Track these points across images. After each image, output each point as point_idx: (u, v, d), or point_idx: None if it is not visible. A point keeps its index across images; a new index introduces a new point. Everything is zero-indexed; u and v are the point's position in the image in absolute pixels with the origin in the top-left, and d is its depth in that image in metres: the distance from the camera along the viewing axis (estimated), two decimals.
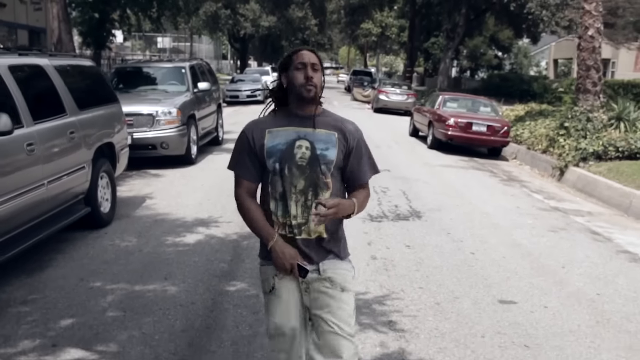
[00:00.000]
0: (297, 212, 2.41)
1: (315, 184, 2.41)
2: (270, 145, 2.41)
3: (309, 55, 2.43)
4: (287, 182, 2.40)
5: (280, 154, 2.40)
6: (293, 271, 2.42)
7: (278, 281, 2.48)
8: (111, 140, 6.68)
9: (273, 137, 2.42)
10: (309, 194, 2.41)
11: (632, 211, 8.57)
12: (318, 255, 2.47)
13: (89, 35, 20.95)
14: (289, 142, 2.41)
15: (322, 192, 2.42)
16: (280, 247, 2.42)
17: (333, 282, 2.46)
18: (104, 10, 19.84)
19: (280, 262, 2.42)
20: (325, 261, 2.47)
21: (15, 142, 4.66)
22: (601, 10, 11.99)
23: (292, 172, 2.40)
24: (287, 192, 2.41)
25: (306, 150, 2.41)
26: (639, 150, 10.68)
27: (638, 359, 3.93)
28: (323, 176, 2.42)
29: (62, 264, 5.19)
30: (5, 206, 4.49)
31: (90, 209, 6.02)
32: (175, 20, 25.28)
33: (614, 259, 6.21)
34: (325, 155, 2.42)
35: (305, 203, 2.41)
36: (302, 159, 2.40)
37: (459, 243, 6.34)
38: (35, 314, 4.15)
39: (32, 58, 5.68)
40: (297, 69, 2.41)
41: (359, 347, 3.20)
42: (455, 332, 4.13)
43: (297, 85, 2.40)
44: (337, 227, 2.53)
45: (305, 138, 2.42)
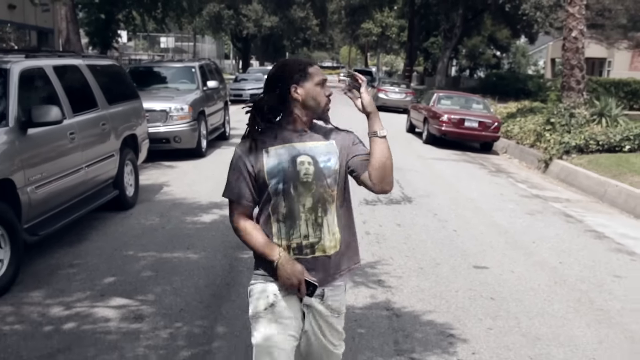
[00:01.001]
0: (308, 231, 2.31)
1: (323, 198, 2.32)
2: (271, 165, 2.30)
3: (321, 71, 2.39)
4: (294, 202, 2.30)
5: (283, 173, 2.29)
6: (301, 287, 2.29)
7: (280, 299, 2.35)
8: (135, 132, 7.49)
9: (272, 157, 2.31)
10: (319, 211, 2.32)
11: (606, 198, 9.37)
12: (324, 278, 2.36)
13: (95, 35, 21.64)
14: (290, 159, 2.31)
15: (330, 206, 2.34)
16: (287, 262, 2.29)
17: (333, 310, 2.41)
18: (110, 11, 20.49)
19: (288, 278, 2.28)
20: (329, 287, 2.38)
21: (61, 131, 5.48)
22: (584, 13, 12.79)
23: (298, 190, 2.30)
24: (295, 211, 2.30)
25: (309, 165, 2.31)
26: (617, 144, 11.48)
27: (583, 308, 4.73)
28: (330, 189, 2.33)
29: (97, 238, 6.00)
30: (54, 185, 5.30)
31: (118, 192, 6.84)
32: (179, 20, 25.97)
33: (581, 237, 7.01)
34: (329, 167, 2.33)
35: (316, 221, 2.32)
36: (306, 175, 2.30)
37: (443, 222, 7.16)
38: (82, 274, 4.96)
39: (69, 59, 6.51)
40: (319, 84, 2.34)
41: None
42: (433, 289, 4.94)
43: (321, 103, 2.34)
44: (350, 236, 2.45)
45: (306, 153, 2.32)
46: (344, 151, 2.37)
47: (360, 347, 3.82)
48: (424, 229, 6.82)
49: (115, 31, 23.01)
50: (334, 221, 2.35)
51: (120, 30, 24.80)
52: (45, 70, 5.61)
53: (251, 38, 48.37)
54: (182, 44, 56.19)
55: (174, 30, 42.93)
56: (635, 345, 4.12)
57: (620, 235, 7.21)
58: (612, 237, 7.07)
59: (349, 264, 2.45)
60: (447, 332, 4.12)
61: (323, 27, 50.52)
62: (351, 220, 2.47)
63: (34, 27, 27.58)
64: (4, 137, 4.70)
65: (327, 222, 2.34)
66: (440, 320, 4.31)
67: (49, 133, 5.27)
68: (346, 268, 2.44)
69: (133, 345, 3.75)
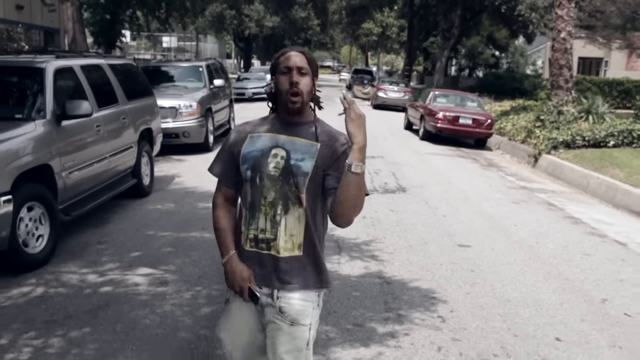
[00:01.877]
0: (265, 225, 2.23)
1: (286, 197, 2.20)
2: (246, 151, 2.26)
3: (295, 57, 2.22)
4: (257, 193, 2.22)
5: (253, 161, 2.23)
6: (243, 294, 2.26)
7: (233, 296, 2.34)
8: (150, 126, 8.14)
9: (252, 143, 2.27)
10: (279, 208, 2.21)
11: (589, 189, 10.01)
12: (280, 280, 2.24)
13: (100, 35, 22.14)
14: (264, 149, 2.24)
15: (294, 207, 2.21)
16: (232, 266, 2.26)
17: (283, 314, 2.24)
18: (115, 11, 20.95)
19: (230, 282, 2.28)
20: (283, 289, 2.24)
21: (89, 124, 6.13)
22: (572, 15, 13.43)
23: (264, 182, 2.22)
24: (257, 203, 2.23)
25: (281, 159, 2.21)
26: (602, 139, 12.11)
27: (551, 278, 5.38)
28: (296, 190, 2.20)
29: (119, 221, 6.65)
30: (83, 172, 5.96)
31: (136, 181, 7.49)
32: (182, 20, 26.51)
33: (560, 222, 7.66)
34: (299, 167, 2.19)
35: (274, 217, 2.21)
36: (275, 169, 2.21)
37: (434, 209, 7.80)
38: (110, 250, 5.61)
39: (92, 59, 7.17)
40: (282, 73, 2.22)
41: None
42: (420, 263, 5.59)
43: (282, 91, 2.21)
44: (314, 248, 2.28)
45: (282, 146, 2.23)
46: (324, 159, 2.21)
47: (355, 305, 4.47)
48: (415, 214, 7.47)
49: (119, 31, 23.52)
50: (296, 224, 2.22)
51: (124, 30, 25.36)
52: (74, 69, 6.27)
53: (253, 38, 49.02)
54: (184, 44, 56.88)
55: (177, 30, 43.68)
56: (591, 307, 4.77)
57: (596, 221, 7.85)
58: (588, 222, 7.71)
59: (308, 282, 2.27)
60: (430, 296, 4.77)
61: (324, 27, 51.16)
62: (321, 237, 2.32)
63: (41, 27, 28.22)
64: (42, 128, 5.35)
65: (285, 222, 2.21)
66: (425, 286, 4.96)
67: (79, 125, 5.92)
68: (302, 284, 2.25)
69: (161, 303, 4.41)
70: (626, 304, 4.87)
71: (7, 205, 4.62)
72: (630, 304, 4.85)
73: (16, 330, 3.89)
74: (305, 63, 2.22)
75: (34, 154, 5.11)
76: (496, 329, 4.23)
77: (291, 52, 2.24)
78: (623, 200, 8.96)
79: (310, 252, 2.26)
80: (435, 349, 3.85)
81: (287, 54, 2.23)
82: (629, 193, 8.94)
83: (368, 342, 3.89)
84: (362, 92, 31.88)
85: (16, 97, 5.80)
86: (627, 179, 9.45)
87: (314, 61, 2.26)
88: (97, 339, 3.81)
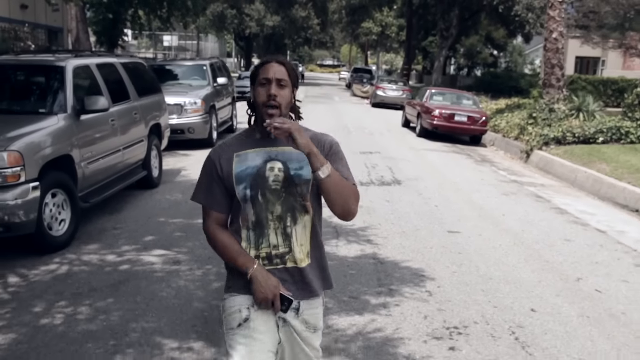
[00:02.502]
0: (277, 241, 2.22)
1: (292, 207, 2.22)
2: (238, 170, 2.20)
3: (274, 69, 2.19)
4: (262, 209, 2.20)
5: (250, 179, 2.19)
6: (275, 302, 2.20)
7: (254, 312, 2.24)
8: (159, 121, 8.60)
9: (241, 161, 2.21)
10: (287, 220, 2.21)
11: (577, 183, 10.48)
12: (298, 290, 2.26)
13: (103, 34, 22.48)
14: (259, 164, 2.20)
15: (301, 217, 2.23)
16: (262, 275, 2.20)
17: (308, 324, 2.28)
18: (118, 10, 21.28)
19: (262, 292, 2.18)
20: (303, 300, 2.27)
21: (105, 118, 6.59)
22: (564, 16, 13.89)
23: (266, 197, 2.20)
24: (263, 220, 2.21)
25: (279, 172, 2.19)
26: (591, 136, 12.58)
27: (532, 260, 5.85)
28: (301, 198, 2.21)
29: (132, 209, 7.11)
30: (100, 162, 6.42)
31: (146, 172, 7.95)
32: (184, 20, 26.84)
33: (546, 212, 8.12)
34: (300, 175, 2.19)
35: (285, 230, 2.22)
36: (275, 182, 2.19)
37: (427, 200, 8.27)
38: (125, 234, 6.08)
39: (106, 58, 7.63)
40: (261, 84, 2.19)
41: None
42: (412, 246, 6.05)
43: (259, 103, 2.18)
44: (320, 252, 2.33)
45: (277, 158, 2.20)
46: None
47: (351, 281, 4.94)
48: (408, 204, 7.93)
49: (121, 30, 23.88)
50: (305, 233, 2.25)
51: (126, 29, 25.69)
52: (90, 68, 6.74)
53: (253, 37, 49.48)
54: (185, 43, 57.32)
55: (178, 29, 44.11)
56: (566, 284, 5.23)
57: (580, 211, 8.31)
58: (572, 212, 8.18)
59: (324, 285, 2.35)
60: (419, 274, 5.23)
61: (324, 26, 51.63)
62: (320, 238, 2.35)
63: (45, 26, 28.63)
64: (63, 121, 5.81)
65: (296, 233, 2.23)
66: (415, 266, 5.43)
67: (96, 119, 6.38)
68: (317, 291, 2.31)
69: (175, 279, 4.87)
70: (598, 282, 5.33)
71: (35, 191, 5.09)
72: (602, 283, 5.32)
73: (48, 300, 4.35)
74: (285, 75, 2.19)
75: (57, 145, 5.58)
76: (478, 301, 4.69)
77: (271, 62, 2.21)
78: (608, 193, 9.42)
79: (317, 257, 2.29)
80: (422, 317, 4.32)
81: (267, 65, 2.20)
82: (613, 186, 9.41)
83: (362, 311, 4.36)
84: (361, 91, 32.34)
85: (39, 94, 6.28)
86: (612, 173, 9.92)
87: (294, 71, 2.24)
88: (121, 307, 4.28)
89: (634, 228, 7.57)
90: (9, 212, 4.90)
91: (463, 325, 4.23)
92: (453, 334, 4.08)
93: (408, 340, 3.95)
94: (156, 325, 4.01)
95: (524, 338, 4.09)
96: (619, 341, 4.14)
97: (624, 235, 7.15)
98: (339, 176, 2.16)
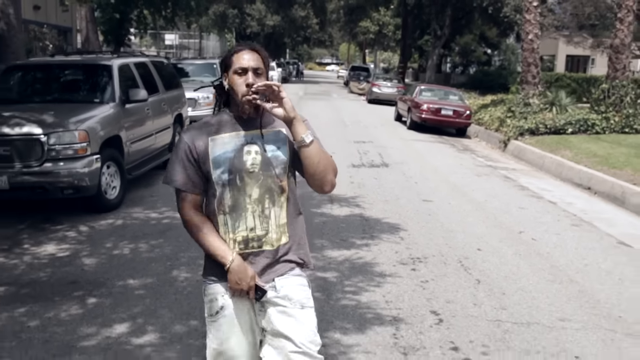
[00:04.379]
0: (255, 223, 2.25)
1: (270, 189, 2.25)
2: (216, 154, 2.22)
3: (249, 57, 2.22)
4: (241, 193, 2.23)
5: (229, 162, 2.22)
6: (250, 293, 2.24)
7: (227, 299, 2.29)
8: (181, 112, 10.08)
9: (218, 145, 2.23)
10: (266, 202, 2.25)
11: (544, 167, 11.96)
12: (276, 270, 2.29)
13: (110, 34, 23.52)
14: (236, 148, 2.23)
15: (278, 197, 2.27)
16: (240, 267, 2.22)
17: (291, 300, 2.27)
18: (124, 10, 22.30)
19: (237, 284, 2.23)
20: (281, 277, 2.29)
21: (143, 107, 8.05)
22: (538, 19, 15.37)
23: (245, 181, 2.22)
24: (241, 203, 2.23)
25: (256, 155, 2.24)
26: (562, 127, 14.06)
27: (488, 220, 7.33)
28: (278, 179, 2.26)
29: (161, 184, 8.56)
30: (139, 143, 7.89)
31: None
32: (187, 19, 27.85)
33: (510, 189, 9.60)
34: (277, 157, 2.25)
35: (263, 212, 2.25)
36: (253, 165, 2.23)
37: (409, 178, 9.76)
38: (161, 201, 7.54)
39: (139, 58, 9.11)
40: (237, 73, 2.21)
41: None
42: (392, 209, 7.53)
43: (237, 92, 2.21)
44: (300, 230, 2.37)
45: (253, 142, 2.24)
46: (292, 142, 2.27)
47: (341, 230, 6.42)
48: (393, 181, 9.42)
49: (128, 30, 25.04)
50: (282, 213, 2.28)
51: (132, 29, 26.86)
52: (129, 65, 8.20)
53: (254, 36, 50.88)
54: (188, 41, 58.71)
55: (182, 28, 45.51)
56: (510, 235, 6.71)
57: (540, 189, 9.79)
58: (533, 189, 9.66)
59: (303, 262, 2.37)
60: (395, 227, 6.72)
61: (323, 25, 53.16)
62: (298, 212, 2.38)
63: (55, 25, 30.00)
64: (113, 109, 7.28)
65: (274, 214, 2.27)
66: (393, 222, 6.92)
67: (137, 108, 7.85)
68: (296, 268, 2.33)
69: None
70: (537, 235, 6.80)
71: (97, 163, 6.56)
72: (539, 235, 6.79)
73: (114, 241, 5.83)
74: (261, 62, 2.23)
75: (110, 127, 7.05)
76: (438, 244, 6.17)
77: (245, 50, 2.24)
78: (568, 175, 10.91)
79: (293, 235, 2.33)
80: (393, 252, 5.80)
81: (241, 53, 2.23)
82: (572, 168, 10.89)
83: (349, 247, 5.84)
84: (357, 88, 33.84)
85: (92, 87, 7.74)
86: (573, 158, 11.42)
87: (267, 58, 2.29)
88: (170, 244, 5.76)
89: (581, 201, 9.05)
90: (78, 177, 6.37)
91: (424, 257, 5.71)
92: (415, 262, 5.56)
93: (382, 264, 5.43)
94: (199, 254, 5.43)
95: (467, 264, 5.57)
96: (537, 267, 5.63)
97: (571, 205, 8.63)
98: (319, 144, 2.25)
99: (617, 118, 13.95)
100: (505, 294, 4.88)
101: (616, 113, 13.96)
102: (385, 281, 5.01)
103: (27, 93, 7.75)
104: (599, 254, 6.17)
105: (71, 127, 6.36)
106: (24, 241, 5.80)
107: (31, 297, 4.43)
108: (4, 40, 11.56)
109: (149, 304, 4.35)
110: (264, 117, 2.27)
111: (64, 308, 4.24)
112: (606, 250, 6.34)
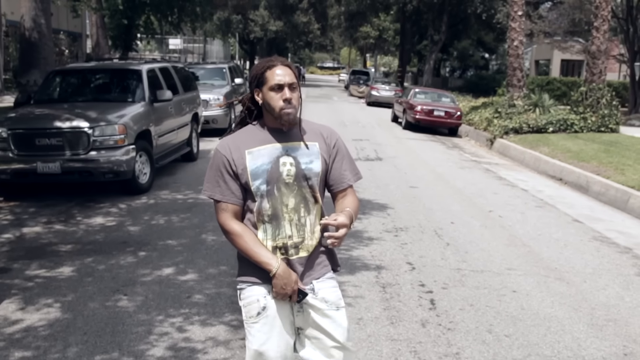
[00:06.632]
0: (292, 231, 2.35)
1: (305, 199, 2.37)
2: (254, 166, 2.32)
3: (284, 73, 2.31)
4: (278, 202, 2.33)
5: (266, 174, 2.32)
6: (293, 297, 2.35)
7: (269, 300, 2.38)
8: (197, 111, 11.33)
9: (255, 158, 2.33)
10: (301, 211, 2.36)
11: (524, 163, 13.20)
12: (312, 274, 2.42)
13: (118, 39, 24.24)
14: (273, 160, 2.33)
15: (313, 207, 2.39)
16: (285, 273, 2.32)
17: (327, 302, 2.40)
18: (132, 16, 23.16)
19: (282, 289, 2.32)
20: (318, 281, 2.42)
21: (167, 106, 9.31)
22: (523, 27, 16.62)
23: (281, 191, 2.33)
24: (279, 212, 2.34)
25: (291, 166, 2.34)
26: (543, 126, 15.30)
27: (465, 202, 8.56)
28: (311, 190, 2.38)
29: (183, 173, 9.81)
30: (164, 137, 9.14)
31: (189, 148, 10.67)
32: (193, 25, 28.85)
33: (489, 179, 10.84)
34: (310, 169, 2.36)
35: (300, 220, 2.36)
36: (288, 176, 2.34)
37: (399, 169, 11.00)
38: (183, 186, 8.77)
39: (162, 63, 10.38)
40: (273, 90, 2.30)
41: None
42: (382, 193, 8.77)
43: (275, 108, 2.31)
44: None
45: (288, 154, 2.35)
46: (325, 154, 2.41)
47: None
48: (385, 172, 10.66)
49: (135, 35, 26.07)
50: (315, 221, 2.40)
51: (139, 34, 27.87)
52: (155, 70, 9.46)
53: (257, 41, 52.26)
54: (192, 46, 59.99)
55: (187, 33, 46.78)
56: (481, 212, 7.95)
57: (516, 179, 11.02)
58: (509, 180, 10.89)
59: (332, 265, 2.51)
60: (384, 206, 7.95)
61: (324, 30, 54.48)
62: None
63: (66, 31, 31.35)
64: (143, 107, 8.52)
65: (309, 222, 2.38)
66: (381, 202, 8.15)
67: (163, 107, 9.10)
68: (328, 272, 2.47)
69: None
70: (504, 213, 8.03)
71: (132, 152, 7.81)
72: (506, 213, 8.01)
73: (150, 215, 7.08)
74: (294, 77, 2.32)
75: (142, 122, 8.30)
76: (418, 219, 7.41)
77: (278, 66, 2.32)
78: (544, 168, 12.14)
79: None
80: (380, 224, 7.04)
81: (275, 69, 2.31)
82: (547, 162, 12.13)
83: None
84: (357, 91, 35.15)
85: (125, 88, 8.99)
86: (549, 153, 12.65)
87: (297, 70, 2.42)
88: (197, 217, 6.99)
89: (550, 189, 10.28)
90: (118, 164, 7.62)
91: (405, 227, 6.95)
92: (398, 231, 6.80)
93: (370, 232, 6.67)
94: None
95: (441, 233, 6.81)
96: (498, 235, 6.86)
97: (541, 192, 9.85)
98: (355, 213, 2.48)
99: (594, 118, 15.19)
100: (468, 253, 6.11)
101: (593, 113, 15.20)
102: (372, 243, 6.25)
103: (69, 94, 9.02)
104: (553, 228, 7.40)
105: (113, 122, 7.62)
106: (76, 215, 7.05)
107: (94, 252, 5.68)
108: (37, 47, 12.86)
109: (187, 256, 5.60)
110: (295, 130, 2.40)
111: (121, 258, 5.49)
112: (560, 225, 7.58)
